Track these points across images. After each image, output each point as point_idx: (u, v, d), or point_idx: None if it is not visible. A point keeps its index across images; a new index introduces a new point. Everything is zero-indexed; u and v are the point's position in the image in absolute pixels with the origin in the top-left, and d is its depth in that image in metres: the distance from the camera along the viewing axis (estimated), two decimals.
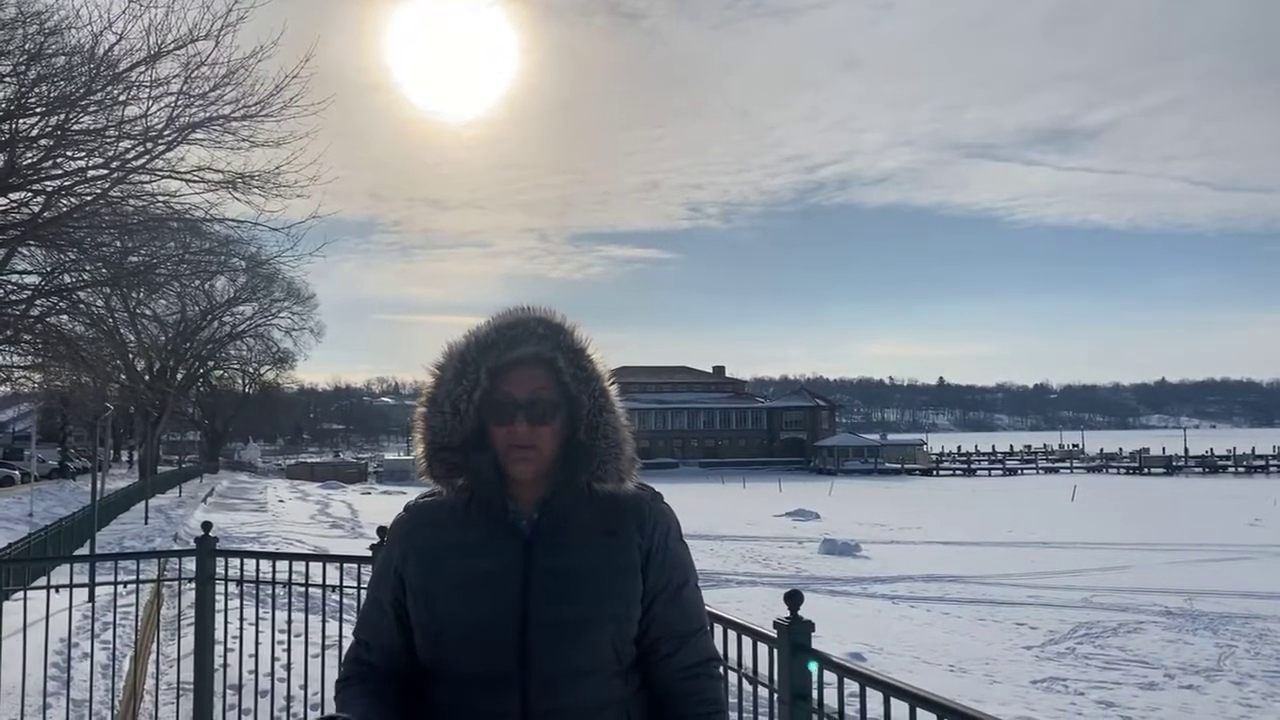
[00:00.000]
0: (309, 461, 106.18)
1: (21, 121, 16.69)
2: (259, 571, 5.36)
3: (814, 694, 2.91)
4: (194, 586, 5.47)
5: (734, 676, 3.07)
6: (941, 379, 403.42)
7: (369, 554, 4.99)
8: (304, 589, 5.28)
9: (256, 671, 5.59)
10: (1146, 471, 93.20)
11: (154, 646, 8.48)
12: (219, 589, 5.45)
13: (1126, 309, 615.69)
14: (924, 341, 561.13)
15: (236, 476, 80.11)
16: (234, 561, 5.45)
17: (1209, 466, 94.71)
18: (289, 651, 6.22)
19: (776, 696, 3.01)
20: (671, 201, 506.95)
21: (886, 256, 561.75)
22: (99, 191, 17.64)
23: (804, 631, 2.93)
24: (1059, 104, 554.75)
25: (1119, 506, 46.13)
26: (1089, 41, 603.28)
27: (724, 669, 1.93)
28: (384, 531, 2.32)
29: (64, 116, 16.43)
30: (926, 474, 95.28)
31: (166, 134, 16.73)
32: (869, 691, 2.61)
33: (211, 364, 65.80)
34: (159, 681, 6.59)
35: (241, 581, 5.43)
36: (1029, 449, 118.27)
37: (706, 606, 1.96)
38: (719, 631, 3.11)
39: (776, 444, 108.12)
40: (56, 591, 5.25)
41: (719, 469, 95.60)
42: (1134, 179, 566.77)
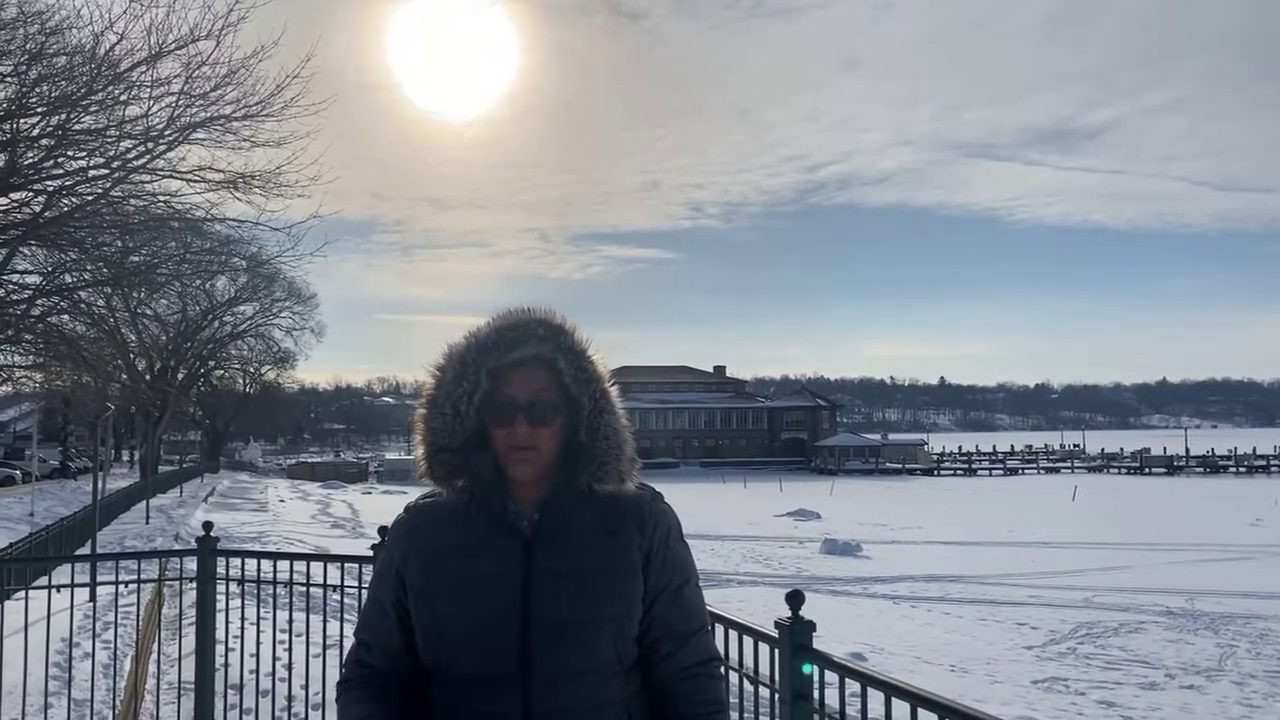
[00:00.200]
0: (310, 461, 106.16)
1: (23, 121, 16.69)
2: (260, 571, 5.36)
3: (815, 694, 2.91)
4: (195, 586, 5.47)
5: (735, 676, 3.07)
6: (942, 379, 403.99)
7: (370, 554, 4.99)
8: (305, 589, 5.28)
9: (258, 671, 5.59)
10: (1147, 471, 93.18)
11: (155, 646, 8.49)
12: (220, 589, 5.46)
13: (1127, 309, 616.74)
14: (925, 341, 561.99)
15: (237, 476, 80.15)
16: (235, 561, 5.46)
17: (1210, 466, 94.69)
18: (290, 651, 6.22)
19: (777, 696, 3.01)
20: (672, 201, 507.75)
21: (887, 256, 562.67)
22: (100, 191, 17.64)
23: (805, 631, 2.93)
24: (1059, 104, 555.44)
25: (1120, 506, 46.11)
26: (1089, 41, 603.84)
27: (725, 669, 1.93)
28: (385, 531, 2.32)
29: (65, 116, 16.43)
30: (927, 474, 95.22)
31: (167, 134, 16.74)
32: (870, 691, 2.61)
33: (212, 364, 65.85)
34: (160, 681, 6.59)
35: (243, 581, 5.44)
36: (1030, 449, 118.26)
37: (707, 606, 1.96)
38: (720, 631, 3.11)
39: (777, 444, 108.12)
40: (58, 591, 5.25)
41: (720, 469, 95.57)
42: (1134, 179, 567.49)
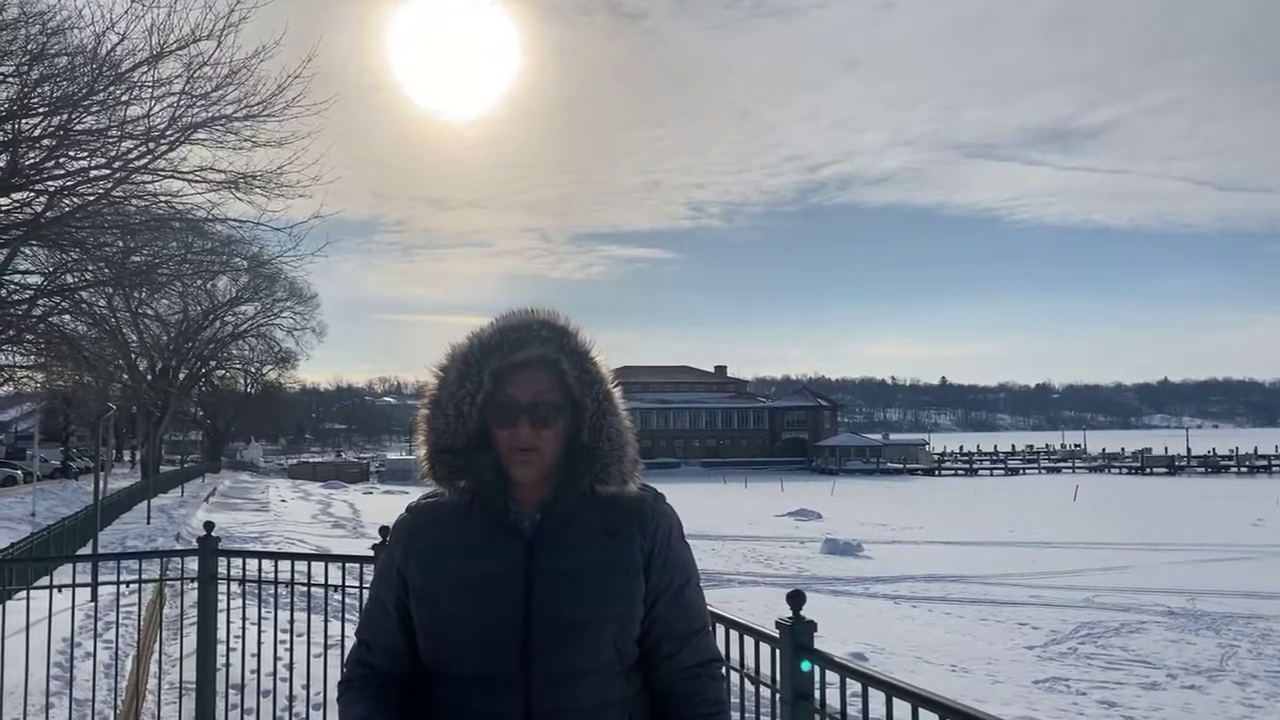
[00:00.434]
0: (311, 461, 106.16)
1: (24, 121, 16.68)
2: (261, 571, 5.37)
3: (815, 694, 2.91)
4: (196, 586, 5.48)
5: (736, 676, 3.07)
6: (944, 379, 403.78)
7: (371, 554, 4.99)
8: (306, 589, 5.28)
9: (259, 671, 5.59)
10: (1149, 471, 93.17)
11: (156, 646, 8.51)
12: (221, 589, 5.46)
13: (1128, 309, 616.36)
14: (926, 341, 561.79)
15: (239, 476, 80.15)
16: (236, 561, 5.46)
17: (1211, 466, 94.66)
18: (291, 651, 6.22)
19: (778, 696, 3.01)
20: (673, 201, 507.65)
21: (888, 256, 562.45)
22: (101, 191, 17.64)
23: (806, 631, 2.93)
24: (1060, 104, 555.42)
25: (1121, 506, 46.10)
26: (1089, 41, 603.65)
27: (725, 669, 1.93)
28: (386, 531, 2.33)
29: (66, 116, 16.42)
30: (928, 474, 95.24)
31: (169, 134, 16.72)
32: (871, 691, 2.61)
33: (214, 364, 65.87)
34: (161, 681, 6.60)
35: (244, 581, 5.43)
36: (1031, 449, 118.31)
37: (708, 606, 1.96)
38: (721, 631, 3.11)
39: (778, 444, 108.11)
40: (59, 591, 5.25)
41: (721, 469, 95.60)
42: (1135, 179, 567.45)
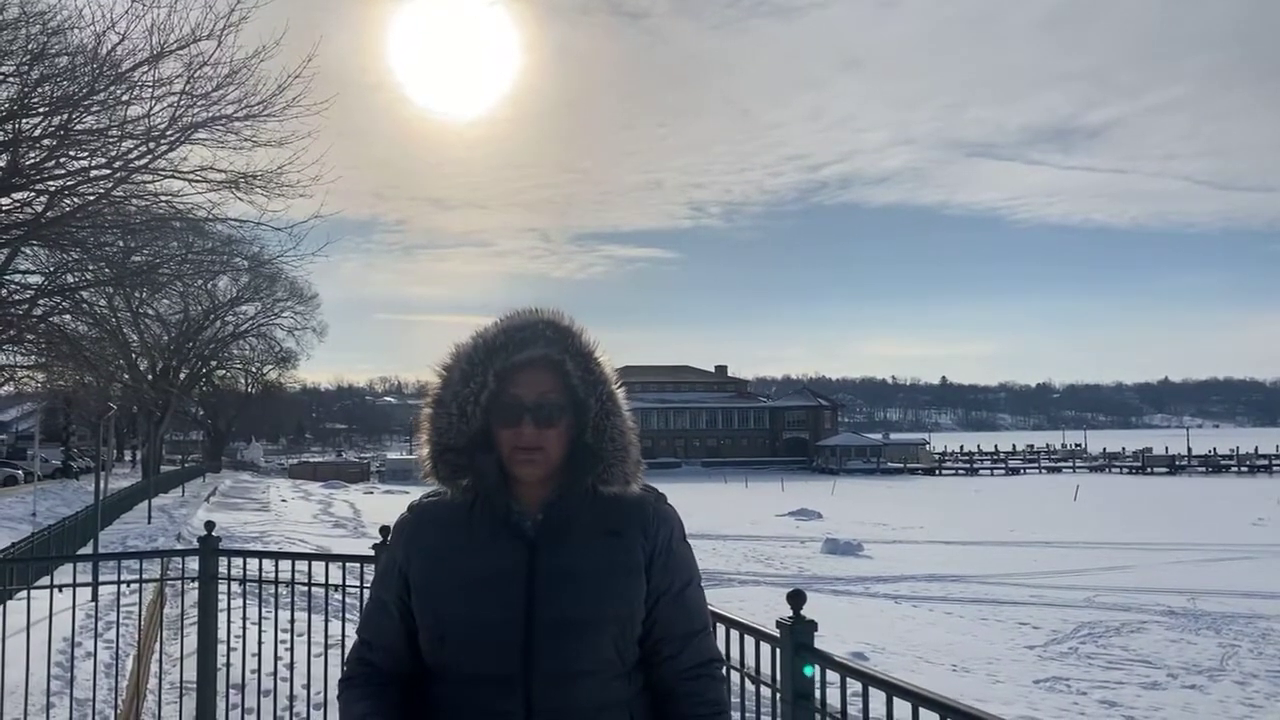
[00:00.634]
0: (312, 461, 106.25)
1: (25, 121, 16.68)
2: (261, 571, 5.37)
3: (816, 694, 2.91)
4: (197, 586, 5.48)
5: (736, 676, 3.07)
6: (944, 378, 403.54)
7: (371, 553, 4.99)
8: (306, 588, 5.29)
9: (259, 671, 5.59)
10: (1149, 471, 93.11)
11: (157, 646, 8.52)
12: (222, 588, 5.47)
13: (1129, 308, 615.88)
14: (926, 341, 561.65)
15: (239, 476, 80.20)
16: (237, 561, 5.47)
17: (1212, 466, 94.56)
18: (291, 651, 6.23)
19: (779, 696, 3.01)
20: (674, 201, 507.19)
21: (889, 256, 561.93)
22: (102, 191, 17.64)
23: (807, 631, 2.93)
24: (1060, 103, 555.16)
25: (1122, 506, 46.09)
26: (1090, 41, 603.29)
27: (726, 669, 1.93)
28: (386, 531, 2.33)
29: (67, 116, 16.42)
30: (929, 474, 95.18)
31: (169, 134, 16.72)
32: (872, 691, 2.61)
33: (214, 363, 65.86)
34: (162, 681, 6.60)
35: (244, 581, 5.44)
36: (1031, 448, 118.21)
37: (709, 606, 1.96)
38: (721, 630, 3.11)
39: (779, 443, 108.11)
40: (60, 591, 5.25)
41: (721, 468, 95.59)
42: (1136, 178, 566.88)
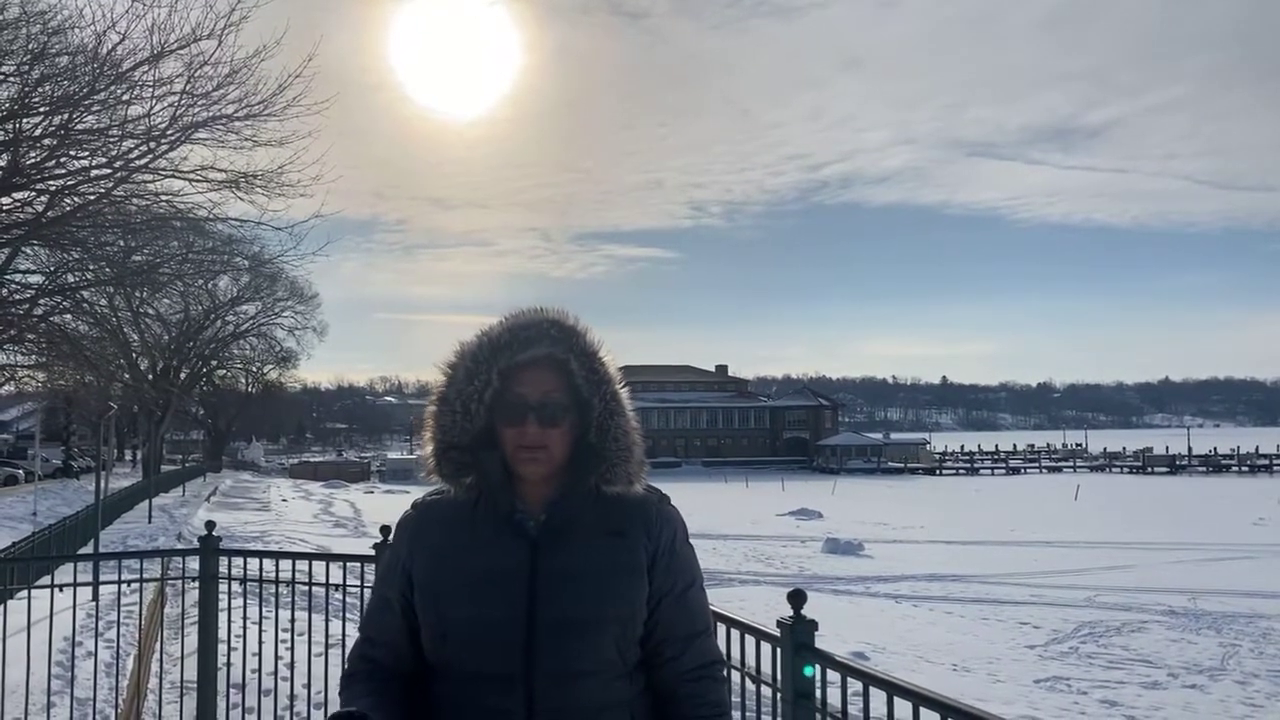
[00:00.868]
0: (312, 461, 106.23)
1: (25, 121, 16.69)
2: (262, 570, 5.37)
3: (816, 693, 2.91)
4: (197, 585, 5.48)
5: (737, 676, 3.07)
6: (944, 378, 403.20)
7: (372, 553, 5.00)
8: (307, 588, 5.29)
9: (260, 670, 5.59)
10: (1150, 471, 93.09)
11: (157, 645, 8.52)
12: (222, 588, 5.47)
13: (1129, 308, 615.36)
14: (927, 340, 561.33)
15: (240, 476, 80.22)
16: (237, 560, 5.46)
17: (1213, 466, 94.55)
18: (292, 650, 6.23)
19: (779, 695, 3.01)
20: (674, 200, 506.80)
21: (889, 255, 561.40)
22: (102, 191, 17.64)
23: (807, 630, 2.93)
24: (1061, 103, 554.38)
25: (1122, 506, 46.09)
26: (1090, 40, 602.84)
27: (727, 670, 1.93)
28: (387, 530, 2.33)
29: (67, 116, 16.42)
30: (930, 473, 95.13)
31: (170, 133, 16.72)
32: (872, 690, 2.61)
33: (215, 363, 65.87)
34: (162, 680, 6.60)
35: (245, 580, 5.44)
36: (1032, 448, 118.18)
37: (710, 606, 1.96)
38: (722, 630, 3.11)
39: (779, 443, 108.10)
40: (60, 590, 5.25)
41: (721, 468, 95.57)
42: (1136, 178, 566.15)
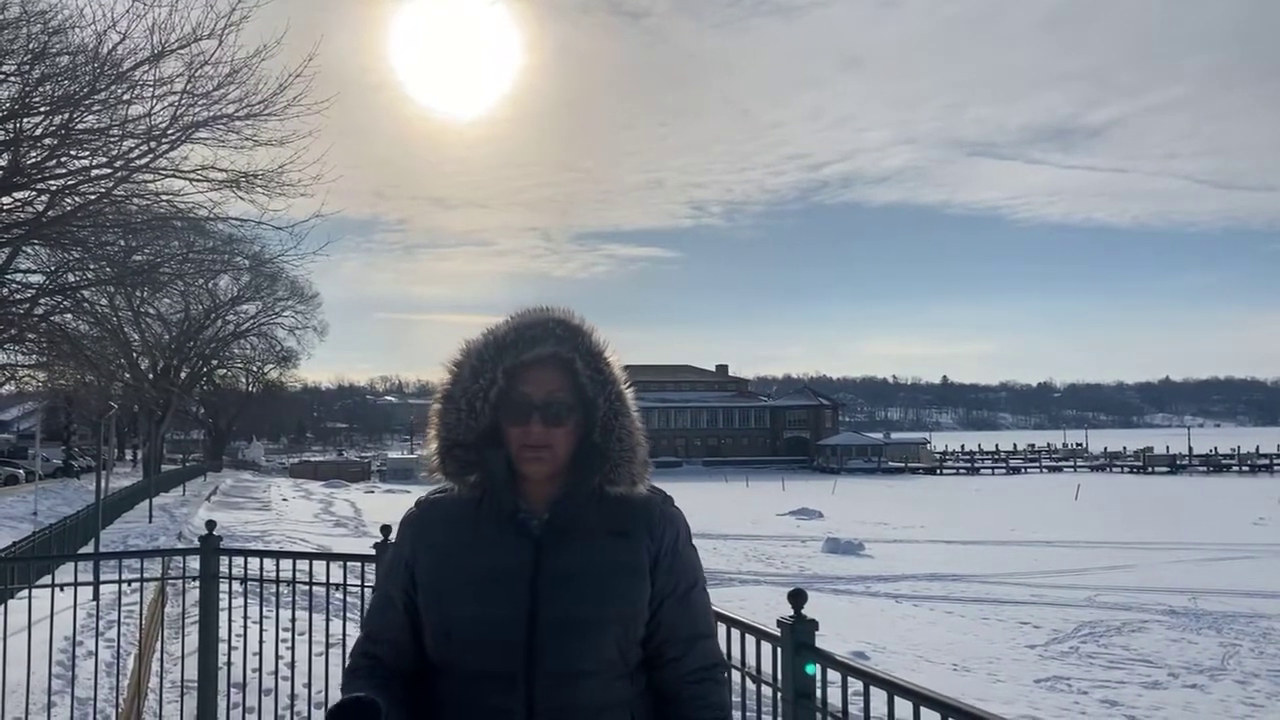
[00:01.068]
0: (313, 460, 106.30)
1: (26, 121, 16.70)
2: (263, 570, 5.37)
3: (817, 693, 2.91)
4: (198, 585, 5.48)
5: (737, 675, 3.07)
6: (945, 378, 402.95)
7: (373, 552, 5.00)
8: (308, 587, 5.29)
9: (260, 670, 5.59)
10: (1150, 470, 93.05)
11: (158, 645, 8.52)
12: (223, 587, 5.47)
13: (1130, 307, 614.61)
14: (927, 340, 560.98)
15: (240, 475, 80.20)
16: (238, 560, 5.46)
17: (1213, 465, 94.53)
18: (292, 650, 6.23)
19: (780, 695, 3.01)
20: (674, 200, 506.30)
21: (890, 255, 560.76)
22: (103, 190, 17.66)
23: (808, 630, 2.93)
24: (1061, 103, 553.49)
25: (1123, 505, 46.09)
26: (1090, 40, 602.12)
27: (729, 672, 1.93)
28: (388, 530, 2.33)
29: (68, 116, 16.44)
30: (930, 473, 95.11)
31: (170, 133, 16.74)
32: (872, 690, 2.61)
33: (215, 363, 65.90)
34: (163, 680, 6.61)
35: (245, 580, 5.44)
36: (1033, 448, 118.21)
37: (711, 606, 1.96)
38: (722, 630, 3.10)
39: (779, 443, 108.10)
40: (61, 590, 5.25)
41: (722, 468, 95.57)
42: (1137, 177, 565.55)
